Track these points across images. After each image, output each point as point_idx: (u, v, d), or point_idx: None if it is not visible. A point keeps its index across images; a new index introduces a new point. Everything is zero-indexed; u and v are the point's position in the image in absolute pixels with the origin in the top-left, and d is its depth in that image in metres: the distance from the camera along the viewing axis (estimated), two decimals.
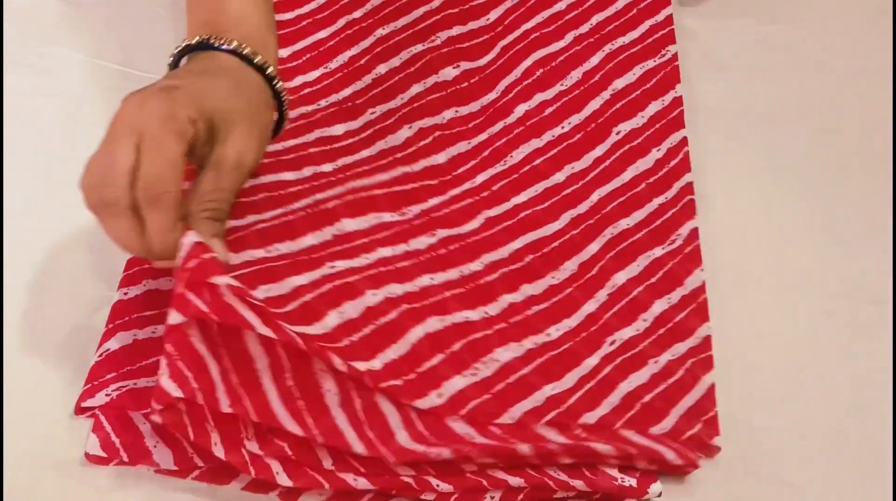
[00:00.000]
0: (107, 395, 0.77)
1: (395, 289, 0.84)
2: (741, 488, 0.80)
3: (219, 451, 0.72)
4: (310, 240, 0.86)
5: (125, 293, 0.84)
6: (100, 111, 0.97)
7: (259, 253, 0.84)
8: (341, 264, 0.84)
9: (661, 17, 1.10)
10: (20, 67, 1.03)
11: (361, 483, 0.72)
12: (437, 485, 0.73)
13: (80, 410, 0.77)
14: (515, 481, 0.74)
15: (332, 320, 0.80)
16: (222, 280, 0.69)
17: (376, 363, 0.79)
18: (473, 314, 0.84)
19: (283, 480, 0.72)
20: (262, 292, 0.80)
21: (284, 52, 1.06)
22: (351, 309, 0.81)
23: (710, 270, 0.90)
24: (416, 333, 0.81)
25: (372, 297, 0.82)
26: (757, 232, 0.96)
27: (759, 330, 0.89)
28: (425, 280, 0.85)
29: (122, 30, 1.08)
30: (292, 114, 0.99)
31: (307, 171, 0.93)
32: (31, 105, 1.00)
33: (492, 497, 0.75)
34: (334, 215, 0.88)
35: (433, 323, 0.82)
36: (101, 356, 0.80)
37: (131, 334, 0.82)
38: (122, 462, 0.74)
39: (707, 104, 1.06)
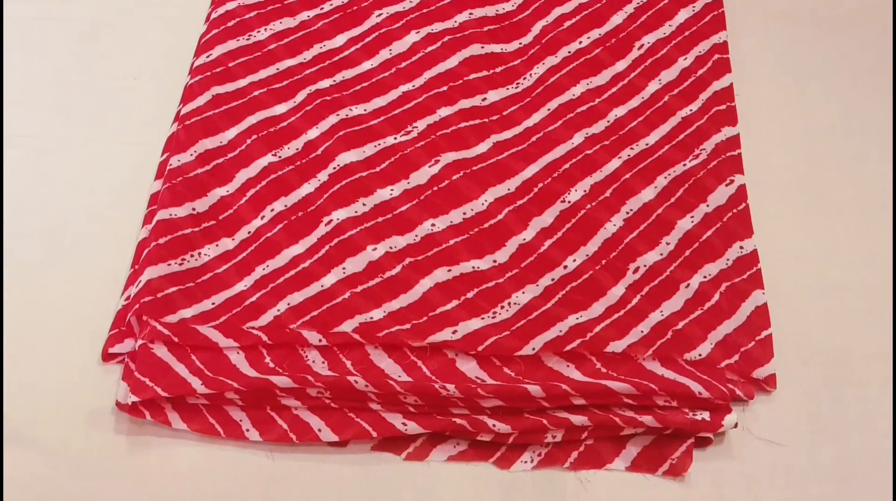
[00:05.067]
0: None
1: (398, 241, 0.85)
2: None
3: (253, 435, 0.75)
4: (306, 189, 0.88)
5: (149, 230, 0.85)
6: (113, 36, 0.99)
7: (255, 223, 0.85)
8: (339, 215, 0.86)
9: None
10: None
11: (412, 427, 0.75)
12: (494, 425, 0.76)
13: (107, 356, 0.79)
14: (578, 420, 0.76)
15: (330, 278, 0.83)
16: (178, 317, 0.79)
17: (377, 313, 0.81)
18: (482, 263, 0.85)
19: (328, 436, 0.75)
20: (259, 271, 0.83)
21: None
22: (352, 265, 0.84)
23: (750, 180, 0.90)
24: (425, 284, 0.83)
25: (373, 251, 0.84)
26: (801, 140, 0.94)
27: (805, 244, 0.88)
28: (427, 227, 0.86)
29: None
30: (293, 21, 0.98)
31: (301, 95, 0.93)
32: (47, 31, 0.99)
33: (553, 436, 0.77)
34: (329, 154, 0.89)
35: (441, 274, 0.84)
36: (126, 299, 0.81)
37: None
38: (159, 395, 0.75)
39: (753, 5, 1.03)
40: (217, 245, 0.84)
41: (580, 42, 0.98)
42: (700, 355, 0.80)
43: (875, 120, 0.96)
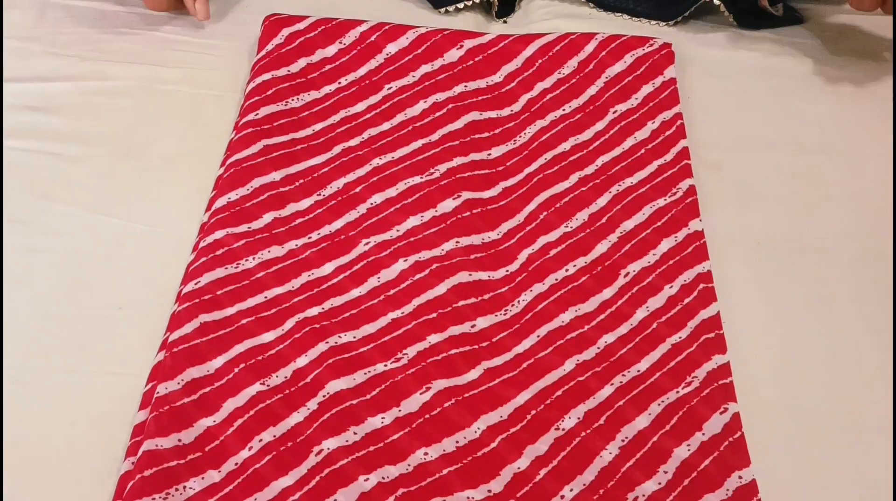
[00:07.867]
0: None
1: (390, 471, 0.84)
2: None
3: None
4: (295, 418, 0.86)
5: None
6: (98, 266, 0.99)
7: (243, 454, 0.83)
8: (329, 445, 0.85)
9: (670, 156, 1.11)
10: (17, 225, 1.02)
11: None
12: None
13: None
14: None
15: None
16: None
17: None
18: (476, 494, 0.83)
19: None
20: None
21: (277, 176, 1.06)
22: (344, 497, 0.82)
23: (743, 408, 0.89)
24: None
25: (365, 482, 0.83)
26: (790, 367, 0.95)
27: (803, 472, 0.87)
28: (419, 456, 0.85)
29: (119, 183, 1.08)
30: (281, 250, 0.98)
31: (290, 323, 0.93)
32: (29, 262, 0.99)
33: None
34: (318, 382, 0.89)
35: None
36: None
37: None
38: None
39: (732, 237, 1.06)
40: (203, 478, 0.81)
41: (566, 270, 1.00)
42: None
43: (861, 344, 0.97)
